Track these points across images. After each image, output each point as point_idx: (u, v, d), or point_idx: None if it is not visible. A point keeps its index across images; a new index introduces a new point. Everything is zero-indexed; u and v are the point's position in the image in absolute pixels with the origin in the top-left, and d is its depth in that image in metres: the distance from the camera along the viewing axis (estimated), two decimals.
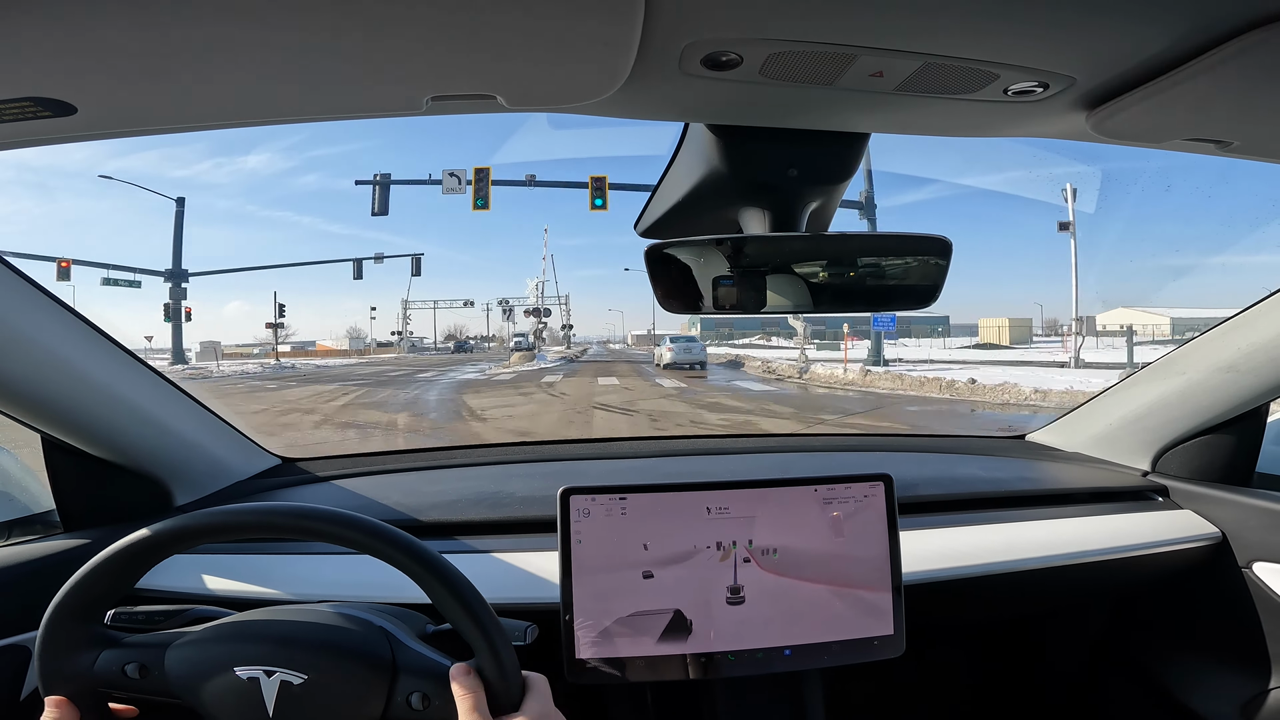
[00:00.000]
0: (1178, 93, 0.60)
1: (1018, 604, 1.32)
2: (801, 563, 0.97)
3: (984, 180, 55.88)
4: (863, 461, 1.53)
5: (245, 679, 0.70)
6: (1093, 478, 1.37)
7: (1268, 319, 1.07)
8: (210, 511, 0.73)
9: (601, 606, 0.93)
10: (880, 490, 0.99)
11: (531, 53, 0.54)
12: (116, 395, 1.01)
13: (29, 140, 0.64)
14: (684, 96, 0.67)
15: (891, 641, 0.97)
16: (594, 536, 0.94)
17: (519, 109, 0.65)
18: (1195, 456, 1.29)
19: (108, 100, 0.58)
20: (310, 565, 1.04)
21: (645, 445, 1.57)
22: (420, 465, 1.46)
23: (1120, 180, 44.35)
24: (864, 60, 0.59)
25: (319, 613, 0.77)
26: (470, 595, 0.71)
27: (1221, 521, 1.20)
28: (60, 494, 1.08)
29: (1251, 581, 1.15)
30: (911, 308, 0.88)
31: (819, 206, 0.87)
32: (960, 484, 1.31)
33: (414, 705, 0.71)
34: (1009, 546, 1.13)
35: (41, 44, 0.48)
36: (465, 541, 1.10)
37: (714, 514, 0.96)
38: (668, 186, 0.94)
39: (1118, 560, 1.15)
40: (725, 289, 0.82)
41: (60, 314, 0.91)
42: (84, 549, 1.01)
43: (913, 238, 0.84)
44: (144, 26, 0.47)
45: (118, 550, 0.71)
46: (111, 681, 0.73)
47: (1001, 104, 0.68)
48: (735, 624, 0.95)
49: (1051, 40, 0.56)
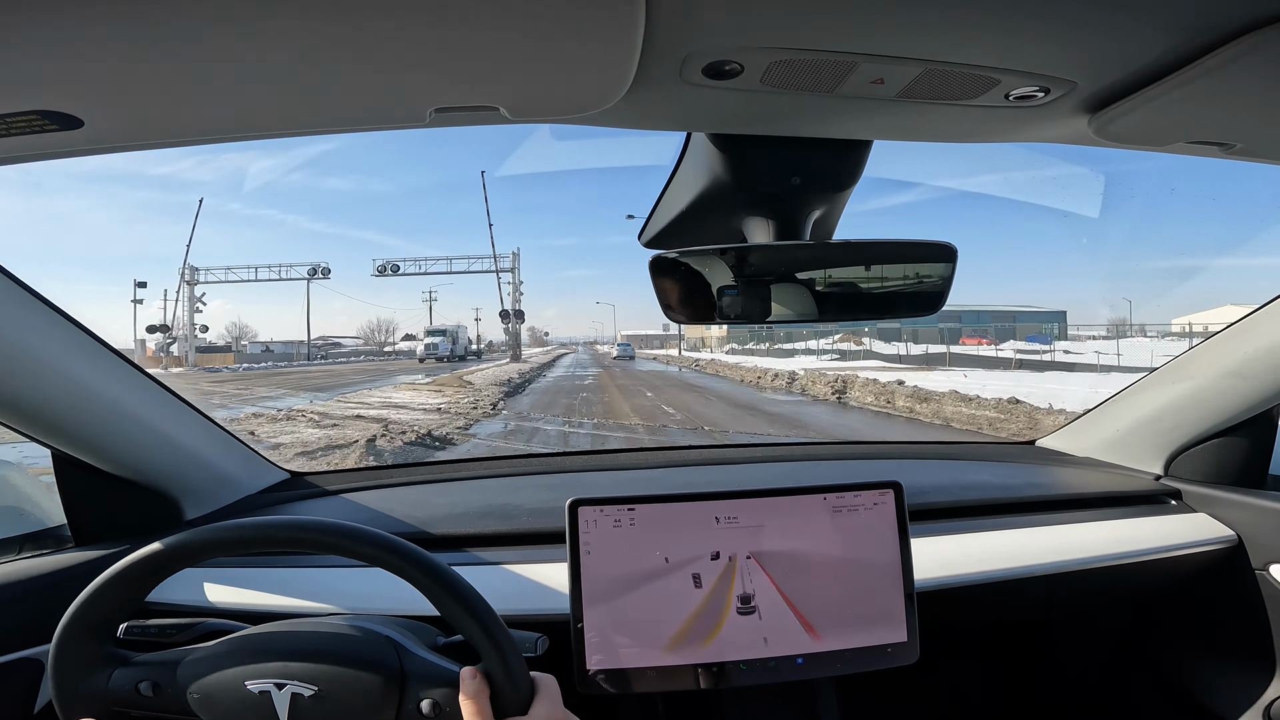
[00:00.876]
0: (1179, 96, 0.60)
1: (1031, 609, 1.31)
2: (812, 571, 0.96)
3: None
4: (872, 470, 1.52)
5: (257, 693, 0.71)
6: (1105, 482, 1.36)
7: (1268, 325, 1.07)
8: (219, 526, 0.74)
9: (611, 617, 0.93)
10: (890, 498, 0.99)
11: (533, 65, 0.54)
12: (125, 411, 1.02)
13: (35, 154, 0.65)
14: (685, 106, 0.68)
15: (905, 649, 0.97)
16: (603, 547, 0.94)
17: (521, 120, 0.65)
18: (1208, 459, 1.28)
19: (114, 114, 0.58)
20: (320, 578, 1.04)
21: (652, 456, 1.57)
22: (428, 479, 1.46)
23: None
24: (865, 67, 0.59)
25: (327, 624, 0.78)
26: (479, 606, 0.71)
27: (1236, 524, 1.19)
28: (71, 509, 1.09)
29: (1267, 584, 1.14)
30: (918, 314, 0.87)
31: (823, 214, 0.87)
32: (971, 490, 1.30)
33: (425, 712, 0.71)
34: (1021, 552, 1.13)
35: (49, 58, 0.49)
36: (474, 554, 1.10)
37: (723, 523, 0.96)
38: (671, 196, 0.94)
39: (1132, 564, 1.14)
40: (730, 299, 0.83)
41: (67, 329, 0.92)
42: (95, 563, 1.01)
43: (918, 244, 0.84)
44: (150, 41, 0.48)
45: (128, 565, 0.72)
46: (126, 700, 0.74)
47: (1003, 109, 0.68)
48: (746, 633, 0.94)
49: (1052, 45, 0.56)
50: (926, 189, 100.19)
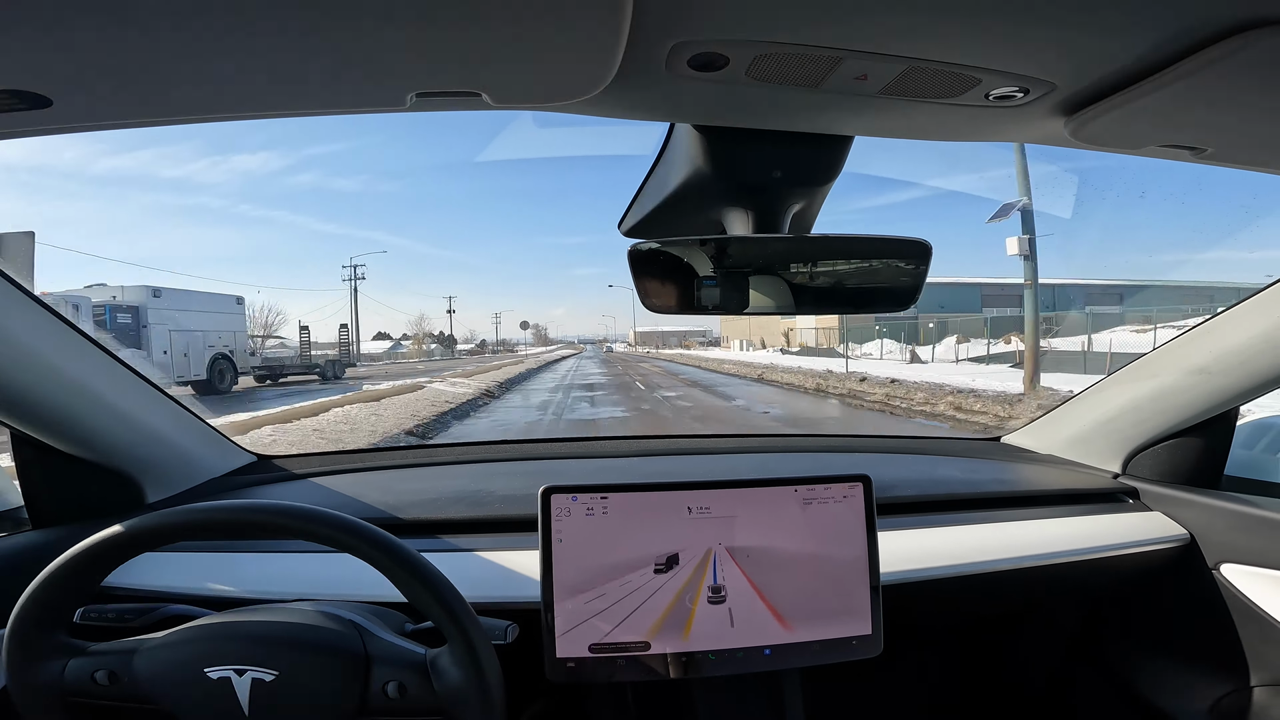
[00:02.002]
0: (1155, 99, 0.61)
1: (993, 604, 1.34)
2: (781, 562, 0.97)
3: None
4: (843, 462, 1.54)
5: (216, 679, 0.70)
6: (1065, 479, 1.39)
7: (1241, 322, 1.09)
8: (182, 509, 0.72)
9: (582, 605, 0.93)
10: (859, 491, 1.00)
11: (517, 51, 0.54)
12: (87, 390, 0.99)
13: (3, 133, 0.63)
14: (670, 97, 0.68)
15: (870, 641, 0.98)
16: (575, 535, 0.94)
17: (504, 107, 0.65)
18: (1165, 459, 1.31)
19: (84, 93, 0.56)
20: (286, 563, 1.02)
21: (627, 445, 1.57)
22: (399, 463, 1.45)
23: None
24: (849, 63, 0.59)
25: (288, 610, 0.77)
26: (447, 592, 0.71)
27: (1190, 523, 1.22)
28: (29, 490, 1.06)
29: (1220, 583, 1.17)
30: (891, 310, 0.89)
31: (802, 208, 0.88)
32: (937, 485, 1.33)
33: (390, 694, 0.71)
34: (984, 547, 1.15)
35: (16, 36, 0.47)
36: (445, 540, 1.09)
37: (695, 514, 0.96)
38: (652, 186, 0.94)
39: (1089, 561, 1.17)
40: (708, 289, 0.83)
41: (29, 306, 0.89)
42: (52, 546, 0.98)
43: (893, 241, 0.85)
44: (121, 19, 0.46)
45: (86, 548, 0.70)
46: (81, 690, 0.73)
47: (983, 109, 0.69)
48: (716, 623, 0.95)
49: (1033, 46, 0.57)
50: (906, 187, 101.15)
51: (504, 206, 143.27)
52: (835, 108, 0.71)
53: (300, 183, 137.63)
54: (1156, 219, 61.01)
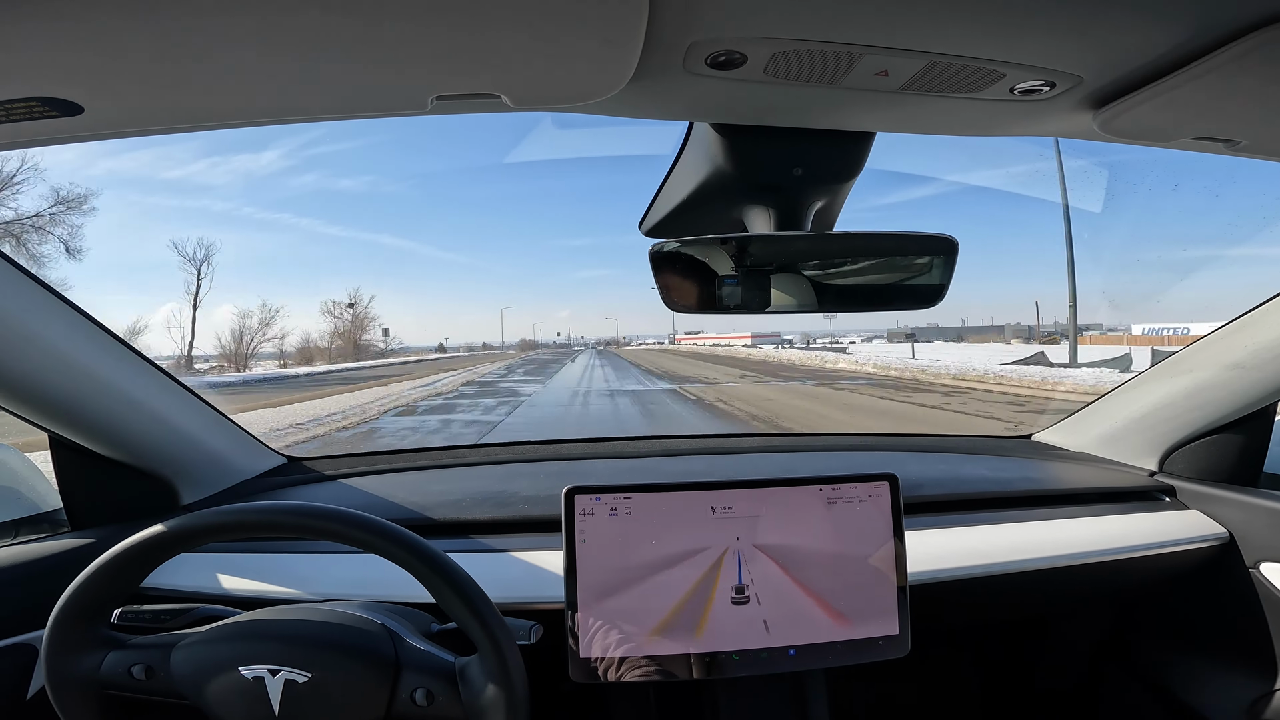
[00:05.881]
0: (1186, 92, 0.60)
1: (1023, 604, 1.32)
2: (806, 562, 0.96)
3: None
4: (868, 461, 1.52)
5: (250, 678, 0.71)
6: (1099, 478, 1.36)
7: (1277, 317, 1.06)
8: (216, 510, 0.74)
9: (606, 606, 0.93)
10: (885, 490, 0.99)
11: (536, 52, 0.54)
12: (123, 394, 1.02)
13: (35, 140, 0.64)
14: (688, 96, 0.67)
15: (896, 641, 0.97)
16: (598, 536, 0.94)
17: (523, 108, 0.65)
18: (1202, 456, 1.28)
19: (114, 100, 0.58)
20: (316, 564, 1.04)
21: (649, 445, 1.57)
22: (426, 464, 1.46)
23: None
24: (869, 59, 0.59)
25: (322, 611, 0.78)
26: (474, 593, 0.71)
27: (1229, 522, 1.20)
28: (67, 493, 1.09)
29: (1259, 582, 1.14)
30: (917, 308, 0.88)
31: (824, 206, 0.87)
32: (966, 484, 1.31)
33: (418, 701, 0.71)
34: (1014, 547, 1.13)
35: (48, 44, 0.48)
36: (470, 540, 1.10)
37: (718, 513, 0.96)
38: (672, 186, 0.94)
39: (1124, 560, 1.15)
40: (730, 288, 0.82)
41: (65, 312, 0.92)
42: (90, 547, 1.01)
43: (919, 237, 0.84)
44: (150, 26, 0.47)
45: (124, 549, 0.72)
46: (118, 683, 0.74)
47: (1007, 103, 0.67)
48: (740, 624, 0.95)
49: (1058, 39, 0.56)
50: (933, 183, 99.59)
51: (505, 207, 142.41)
52: (855, 104, 0.70)
53: (305, 184, 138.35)
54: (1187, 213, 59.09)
